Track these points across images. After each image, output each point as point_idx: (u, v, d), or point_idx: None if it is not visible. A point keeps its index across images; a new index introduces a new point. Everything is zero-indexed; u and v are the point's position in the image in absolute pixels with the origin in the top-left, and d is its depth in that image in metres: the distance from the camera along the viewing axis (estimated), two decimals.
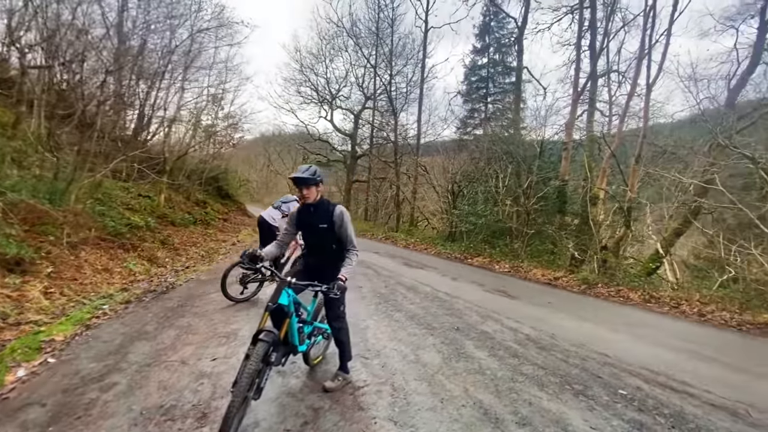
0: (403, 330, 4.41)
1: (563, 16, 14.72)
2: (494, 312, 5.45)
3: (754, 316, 5.51)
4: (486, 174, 12.58)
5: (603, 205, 11.70)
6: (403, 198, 20.37)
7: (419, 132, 17.39)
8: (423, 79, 17.71)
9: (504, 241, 10.88)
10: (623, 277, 7.64)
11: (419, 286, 6.85)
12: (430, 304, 5.66)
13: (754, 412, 2.92)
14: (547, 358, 3.80)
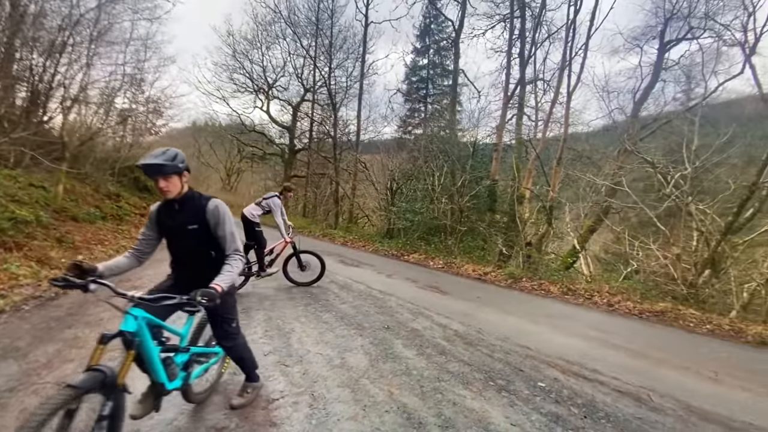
0: (331, 332, 4.18)
1: (496, 24, 15.46)
2: (426, 309, 5.44)
3: (652, 305, 6.15)
4: (423, 172, 12.77)
5: (528, 204, 12.49)
6: (342, 194, 20.06)
7: (359, 128, 17.21)
8: (363, 75, 17.53)
9: (439, 237, 11.13)
10: (545, 271, 8.15)
11: (353, 284, 6.66)
12: (363, 302, 5.49)
13: (655, 396, 3.15)
14: (474, 353, 3.83)
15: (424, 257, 10.14)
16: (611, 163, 10.83)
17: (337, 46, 19.40)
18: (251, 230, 5.66)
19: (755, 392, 3.35)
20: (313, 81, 21.32)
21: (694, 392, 3.27)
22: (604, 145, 13.20)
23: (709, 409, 2.99)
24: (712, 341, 4.85)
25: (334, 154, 17.80)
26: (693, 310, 5.89)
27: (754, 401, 3.19)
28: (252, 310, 4.83)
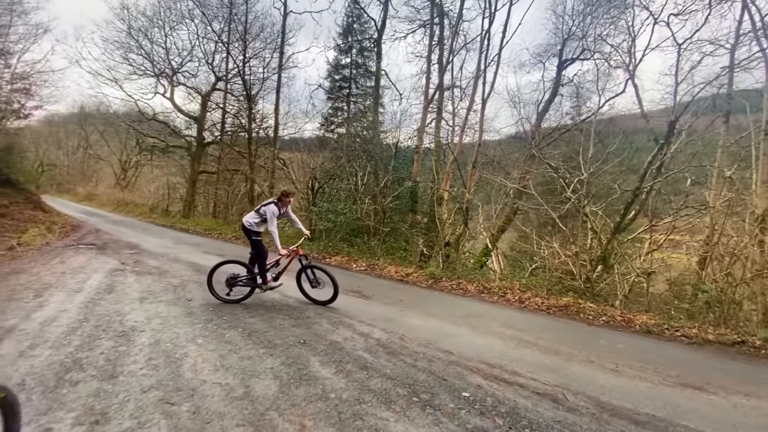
0: (235, 353, 3.58)
1: (417, 29, 15.76)
2: (347, 316, 5.07)
3: (557, 300, 6.60)
4: (346, 172, 12.40)
5: (447, 205, 12.91)
6: (260, 193, 18.72)
7: (277, 122, 16.16)
8: (281, 66, 16.51)
9: (362, 239, 10.86)
10: (462, 270, 8.36)
11: (266, 294, 6.00)
12: (276, 314, 4.92)
13: (570, 395, 3.21)
14: (396, 365, 3.56)
15: (347, 259, 9.77)
16: (519, 167, 11.66)
17: (252, 33, 18.04)
18: (250, 240, 5.39)
19: (651, 381, 3.63)
20: (225, 69, 19.56)
21: (602, 387, 3.42)
22: (513, 151, 14.25)
23: (616, 403, 3.12)
24: (609, 332, 5.30)
25: (248, 149, 16.49)
26: (591, 303, 6.45)
27: (652, 391, 3.43)
28: (136, 331, 3.97)
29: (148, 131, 22.49)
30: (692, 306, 7.18)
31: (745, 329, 5.16)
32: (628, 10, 10.54)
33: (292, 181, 14.10)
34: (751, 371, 4.15)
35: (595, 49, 11.45)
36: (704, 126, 9.82)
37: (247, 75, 17.66)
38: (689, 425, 2.87)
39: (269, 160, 16.22)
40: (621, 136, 8.85)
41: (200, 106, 21.06)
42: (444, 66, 13.40)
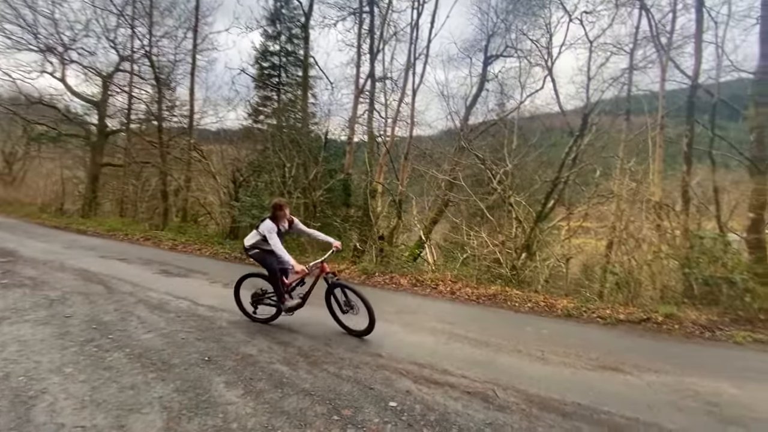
0: (115, 382, 2.90)
1: (347, 16, 15.22)
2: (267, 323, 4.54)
3: (486, 289, 6.69)
4: (274, 164, 11.57)
5: (381, 197, 12.71)
6: (176, 188, 16.91)
7: (192, 109, 14.62)
8: (195, 47, 14.93)
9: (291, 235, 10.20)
10: (396, 264, 8.18)
11: (172, 301, 5.21)
12: (181, 327, 4.22)
13: (499, 391, 3.08)
14: (318, 377, 3.17)
15: None
16: (450, 159, 11.82)
17: (161, 8, 16.07)
18: (254, 258, 4.60)
19: (574, 366, 3.68)
20: (131, 48, 17.23)
21: (531, 378, 3.37)
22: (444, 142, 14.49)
23: (544, 395, 3.06)
24: (534, 318, 5.42)
25: (159, 138, 14.72)
26: (517, 290, 6.63)
27: (575, 377, 3.46)
28: None
29: (37, 117, 19.12)
30: (603, 287, 7.78)
31: (649, 307, 5.62)
32: (546, 8, 11.13)
33: (212, 174, 12.85)
34: (658, 347, 4.46)
35: (517, 46, 11.96)
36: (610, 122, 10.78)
37: (156, 55, 15.72)
38: (611, 410, 2.88)
39: (185, 151, 14.64)
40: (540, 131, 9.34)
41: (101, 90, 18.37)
42: (374, 56, 13.08)
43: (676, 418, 2.85)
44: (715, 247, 6.45)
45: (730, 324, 5.18)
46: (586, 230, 11.36)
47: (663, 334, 4.96)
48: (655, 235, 7.12)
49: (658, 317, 5.27)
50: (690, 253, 6.56)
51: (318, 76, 17.17)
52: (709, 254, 6.38)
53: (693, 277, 6.23)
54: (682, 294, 6.22)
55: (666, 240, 7.57)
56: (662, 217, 7.36)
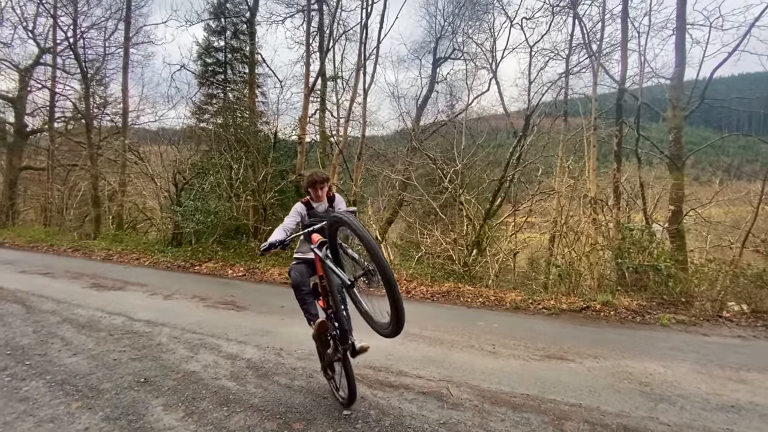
0: (32, 415, 2.56)
1: (295, 13, 14.84)
2: (213, 335, 4.27)
3: (440, 286, 6.81)
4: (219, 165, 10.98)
5: None
6: (111, 192, 15.56)
7: (126, 107, 13.47)
8: (128, 39, 13.77)
9: (240, 240, 9.73)
10: None
11: (104, 318, 4.74)
12: (113, 346, 3.84)
13: (453, 388, 3.11)
14: (268, 390, 3.01)
15: (222, 265, 8.61)
16: (403, 159, 11.93)
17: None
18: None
19: (522, 358, 3.82)
20: (53, 40, 15.54)
21: (482, 373, 3.45)
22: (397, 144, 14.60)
23: (495, 389, 3.14)
24: (486, 313, 5.60)
25: (88, 139, 13.42)
26: (469, 286, 6.82)
27: (524, 369, 3.59)
28: None
29: None
30: (547, 279, 8.23)
31: (588, 296, 6.02)
32: (489, 13, 11.59)
33: (151, 177, 11.94)
34: (596, 334, 4.77)
35: (463, 49, 12.34)
36: (550, 124, 11.47)
37: (83, 48, 14.31)
38: (556, 398, 3.02)
39: (120, 152, 13.48)
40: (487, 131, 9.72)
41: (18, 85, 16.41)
42: (324, 54, 12.87)
43: (614, 400, 3.05)
44: (643, 238, 7.07)
45: (657, 308, 5.69)
46: (531, 225, 11.99)
47: (601, 320, 5.33)
48: (591, 229, 7.66)
49: (596, 305, 5.66)
50: (621, 244, 7.13)
51: (267, 74, 16.64)
52: (638, 244, 6.98)
53: (624, 266, 6.76)
54: (616, 282, 6.74)
55: (601, 232, 8.17)
56: (597, 211, 7.94)
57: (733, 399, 3.11)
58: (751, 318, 5.36)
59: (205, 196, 10.46)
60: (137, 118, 15.41)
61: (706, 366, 3.77)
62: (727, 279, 6.24)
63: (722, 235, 10.32)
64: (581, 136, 9.75)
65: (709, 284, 6.36)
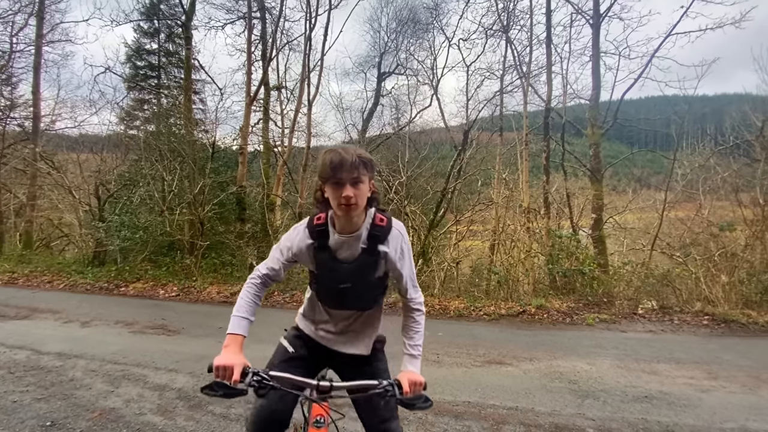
0: None
1: (236, 20, 14.38)
2: (138, 365, 3.89)
3: (387, 297, 6.83)
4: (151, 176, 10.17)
5: (280, 211, 12.16)
6: (18, 206, 13.74)
7: (37, 111, 12.01)
8: (42, 36, 12.38)
9: (173, 257, 9.03)
10: (297, 280, 7.86)
11: (3, 354, 4.11)
12: (14, 386, 3.34)
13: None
14: (201, 421, 2.79)
15: (152, 285, 7.92)
16: None
17: None
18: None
19: (465, 365, 3.94)
20: None
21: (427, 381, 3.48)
22: None
23: (439, 398, 3.19)
24: (431, 322, 5.65)
25: None
26: None
27: (466, 376, 3.70)
28: None
29: None
30: (488, 285, 8.63)
31: (524, 300, 6.40)
32: (429, 32, 12.13)
33: (68, 189, 10.75)
34: (531, 336, 5.07)
35: (407, 65, 12.75)
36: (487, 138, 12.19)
37: None
38: (495, 403, 3.14)
39: (29, 161, 11.98)
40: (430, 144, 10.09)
41: None
42: (267, 63, 12.58)
43: (546, 400, 3.24)
44: (570, 244, 7.70)
45: (584, 308, 6.20)
46: (473, 234, 12.55)
47: (536, 323, 5.68)
48: (526, 236, 8.20)
49: (532, 309, 6.03)
50: (552, 250, 7.71)
51: (205, 81, 15.89)
52: (566, 250, 7.59)
53: (555, 270, 7.31)
54: (549, 286, 7.24)
55: (536, 239, 8.78)
56: (531, 220, 8.54)
57: (647, 390, 3.45)
58: (660, 313, 6.03)
59: (133, 209, 9.61)
60: (52, 123, 13.82)
61: (624, 360, 4.16)
62: (640, 279, 6.99)
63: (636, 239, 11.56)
64: (515, 150, 10.46)
65: (626, 285, 7.08)
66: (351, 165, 1.15)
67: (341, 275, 1.33)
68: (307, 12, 11.60)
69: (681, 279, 6.84)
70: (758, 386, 3.48)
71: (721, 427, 2.81)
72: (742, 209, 7.44)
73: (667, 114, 10.88)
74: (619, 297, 6.63)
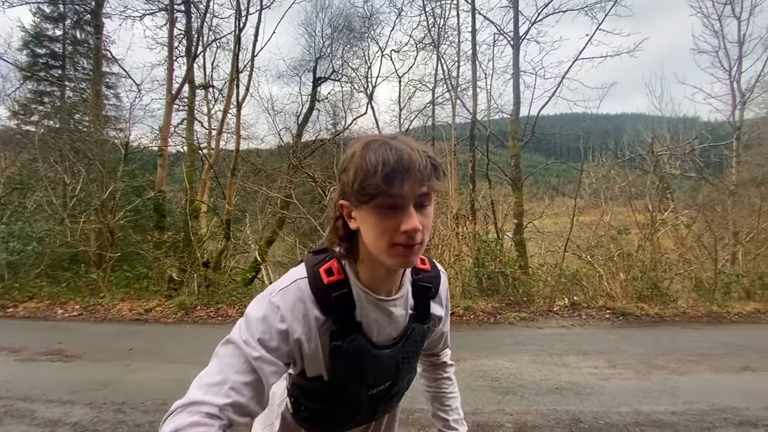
0: None
1: (156, 11, 13.27)
2: (26, 398, 3.35)
3: None
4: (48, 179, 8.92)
5: (206, 218, 11.38)
6: None
7: None
8: None
9: (76, 271, 7.96)
10: (224, 293, 7.39)
11: None
12: None
13: None
14: None
15: (49, 304, 6.90)
16: (284, 177, 11.57)
17: None
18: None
19: None
20: None
21: None
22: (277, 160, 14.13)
23: None
24: None
25: None
26: None
27: None
28: None
29: None
30: None
31: (454, 302, 6.67)
32: (363, 41, 12.29)
33: None
34: (460, 337, 5.29)
35: (342, 71, 12.75)
36: None
37: None
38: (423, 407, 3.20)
39: None
40: None
41: None
42: (193, 60, 11.77)
43: (471, 399, 3.39)
44: (495, 248, 8.24)
45: (506, 308, 6.64)
46: None
47: (464, 324, 5.95)
48: (455, 241, 8.60)
49: (460, 310, 6.31)
50: (478, 254, 8.17)
51: (120, 75, 14.43)
52: (492, 254, 8.10)
53: (481, 273, 7.76)
54: (476, 288, 7.65)
55: (464, 244, 9.25)
56: (460, 225, 8.97)
57: (558, 382, 3.78)
58: (570, 309, 6.67)
59: (26, 217, 8.33)
60: None
61: (540, 355, 4.52)
62: (555, 279, 7.69)
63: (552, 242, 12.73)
64: (445, 159, 10.96)
65: (543, 284, 7.74)
66: (420, 172, 0.65)
67: (381, 372, 0.82)
68: (237, 10, 11.09)
69: (588, 278, 7.66)
70: (649, 372, 3.99)
71: (619, 411, 3.16)
72: (636, 215, 8.55)
73: (576, 130, 12.21)
74: (537, 296, 7.22)
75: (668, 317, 6.12)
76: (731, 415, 3.09)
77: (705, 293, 7.23)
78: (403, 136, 0.74)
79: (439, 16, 10.92)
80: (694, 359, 4.33)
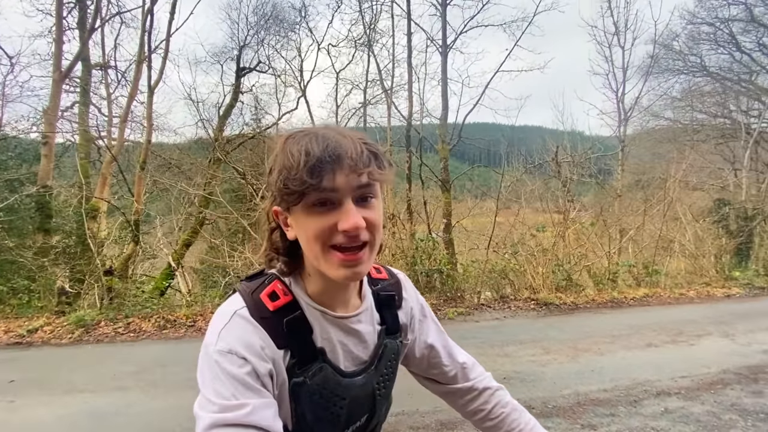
0: None
1: None
2: None
3: None
4: None
5: (107, 219, 9.84)
6: None
7: None
8: None
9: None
10: (134, 305, 6.39)
11: None
12: None
13: None
14: None
15: None
16: (204, 172, 10.51)
17: None
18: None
19: None
20: None
21: None
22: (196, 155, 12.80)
23: None
24: None
25: None
26: None
27: None
28: None
29: None
30: None
31: None
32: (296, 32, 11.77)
33: None
34: None
35: (270, 63, 12.03)
36: None
37: None
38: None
39: None
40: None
41: None
42: (88, 34, 10.05)
43: (427, 398, 3.32)
44: (428, 246, 8.46)
45: (445, 304, 6.84)
46: None
47: None
48: (392, 241, 8.64)
49: None
50: (415, 252, 8.32)
51: None
52: (426, 252, 8.30)
53: (418, 271, 7.90)
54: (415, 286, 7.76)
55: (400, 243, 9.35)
56: (395, 225, 9.05)
57: (504, 371, 3.94)
58: (500, 302, 7.13)
59: None
60: None
61: (482, 347, 4.69)
62: (484, 274, 8.15)
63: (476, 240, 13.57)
64: None
65: (473, 280, 8.15)
66: (354, 161, 0.55)
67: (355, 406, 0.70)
68: None
69: (514, 272, 8.26)
70: (577, 355, 4.38)
71: (562, 394, 3.39)
72: (550, 214, 9.48)
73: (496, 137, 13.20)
74: (468, 291, 7.57)
75: (581, 305, 6.87)
76: (649, 387, 3.52)
77: (602, 282, 8.31)
78: (336, 126, 0.66)
79: (372, 18, 10.93)
80: (608, 340, 4.89)
